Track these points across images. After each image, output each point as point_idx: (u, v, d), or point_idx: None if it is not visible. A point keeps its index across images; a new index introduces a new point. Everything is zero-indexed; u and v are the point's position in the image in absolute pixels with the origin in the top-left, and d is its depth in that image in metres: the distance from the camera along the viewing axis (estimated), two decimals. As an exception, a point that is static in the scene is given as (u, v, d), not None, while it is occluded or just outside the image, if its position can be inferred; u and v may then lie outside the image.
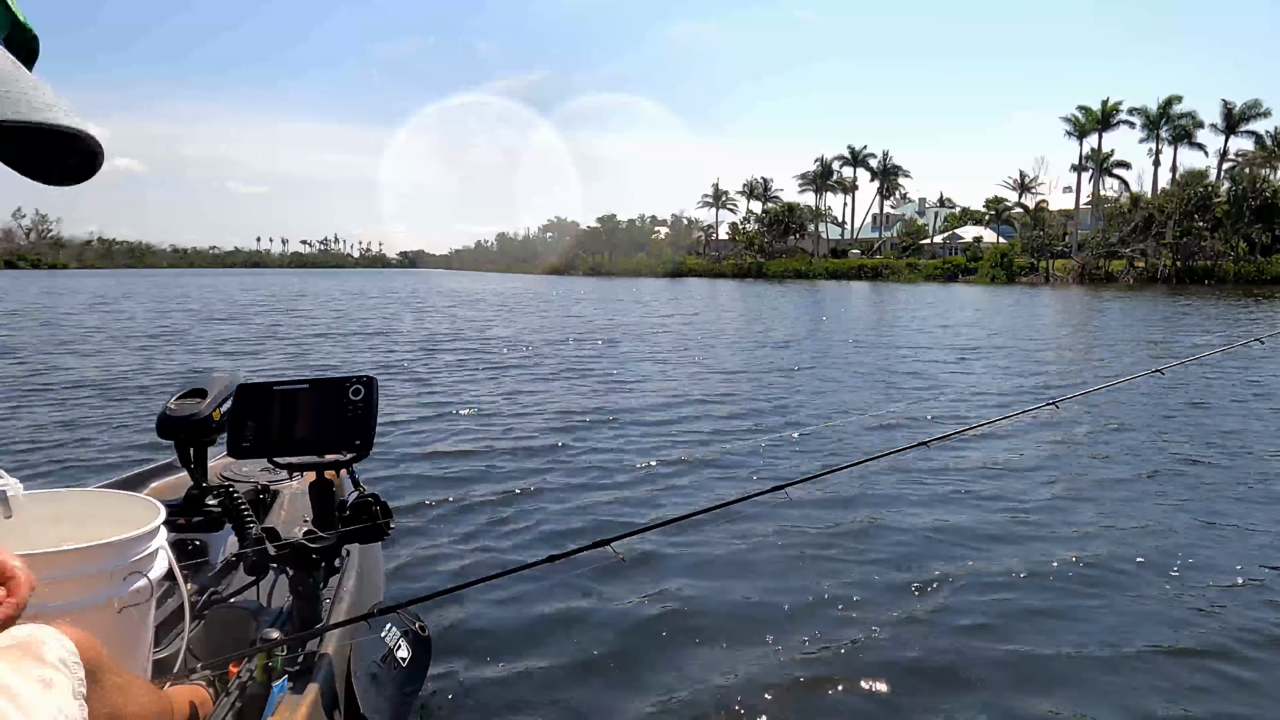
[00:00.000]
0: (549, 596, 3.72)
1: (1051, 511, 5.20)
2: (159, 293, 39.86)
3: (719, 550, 4.34)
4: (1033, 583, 4.05)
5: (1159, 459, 6.65)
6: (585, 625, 3.52)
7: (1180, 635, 3.47)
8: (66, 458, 6.50)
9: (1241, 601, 3.82)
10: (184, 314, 24.98)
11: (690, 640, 3.40)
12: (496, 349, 15.37)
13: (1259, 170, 58.09)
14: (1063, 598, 3.87)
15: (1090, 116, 66.71)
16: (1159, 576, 4.12)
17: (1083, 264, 59.25)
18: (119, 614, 1.76)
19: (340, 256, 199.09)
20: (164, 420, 2.37)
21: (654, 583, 3.93)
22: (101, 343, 15.90)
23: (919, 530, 4.78)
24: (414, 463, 6.39)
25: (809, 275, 74.39)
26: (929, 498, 5.41)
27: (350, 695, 2.03)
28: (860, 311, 29.49)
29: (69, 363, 12.57)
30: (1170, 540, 4.65)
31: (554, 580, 3.75)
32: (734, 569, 4.13)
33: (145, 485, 2.31)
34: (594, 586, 3.84)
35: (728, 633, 3.45)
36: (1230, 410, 8.87)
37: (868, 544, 4.56)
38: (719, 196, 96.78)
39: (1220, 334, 18.75)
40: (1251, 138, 64.47)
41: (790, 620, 3.58)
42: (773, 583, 3.96)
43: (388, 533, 2.21)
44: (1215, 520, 5.04)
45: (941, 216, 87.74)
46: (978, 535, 4.71)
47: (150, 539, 1.85)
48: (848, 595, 3.82)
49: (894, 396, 10.04)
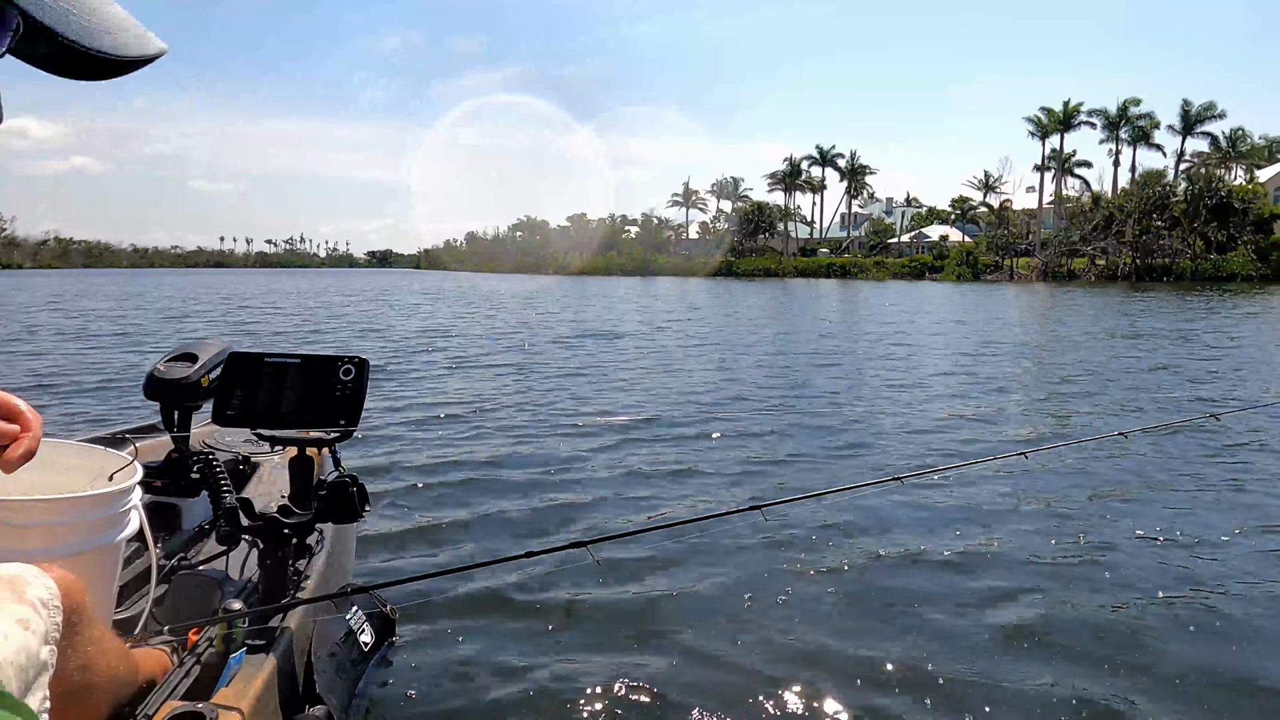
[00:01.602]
0: (522, 592, 3.66)
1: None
2: (116, 290, 38.98)
3: (694, 559, 4.21)
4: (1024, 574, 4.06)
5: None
6: (554, 623, 3.46)
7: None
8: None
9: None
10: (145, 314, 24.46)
11: (658, 643, 3.32)
12: (484, 347, 15.23)
13: (1214, 170, 59.57)
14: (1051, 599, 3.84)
15: (1052, 117, 68.02)
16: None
17: (1046, 262, 60.31)
18: (86, 568, 1.70)
19: (307, 256, 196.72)
20: (151, 381, 2.34)
21: (626, 587, 3.84)
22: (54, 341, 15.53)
23: (900, 549, 4.45)
24: (394, 450, 6.35)
25: (779, 274, 74.87)
26: (912, 521, 4.93)
27: (309, 673, 2.01)
28: (852, 310, 29.54)
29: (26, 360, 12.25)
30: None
31: (528, 576, 3.72)
32: (708, 577, 4.00)
33: (127, 444, 2.27)
34: (567, 586, 3.76)
35: (697, 639, 3.35)
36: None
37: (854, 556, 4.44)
38: (689, 196, 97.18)
39: (1168, 330, 19.18)
40: (1207, 139, 66.27)
41: (758, 627, 3.49)
42: (746, 591, 3.85)
43: (362, 515, 2.19)
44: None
45: (908, 216, 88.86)
46: (957, 556, 4.36)
47: (125, 497, 1.83)
48: (825, 607, 3.71)
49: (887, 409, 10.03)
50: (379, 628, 2.33)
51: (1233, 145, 65.81)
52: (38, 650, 1.20)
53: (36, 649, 1.19)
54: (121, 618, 2.01)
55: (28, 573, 1.26)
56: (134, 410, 7.00)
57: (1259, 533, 4.54)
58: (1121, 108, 65.83)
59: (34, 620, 1.21)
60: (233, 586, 2.16)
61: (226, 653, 1.79)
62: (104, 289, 41.78)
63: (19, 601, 1.21)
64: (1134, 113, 65.57)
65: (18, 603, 1.21)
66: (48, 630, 1.24)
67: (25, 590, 1.23)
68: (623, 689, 2.94)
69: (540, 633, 3.36)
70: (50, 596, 1.27)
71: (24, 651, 1.16)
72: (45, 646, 1.22)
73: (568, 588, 3.75)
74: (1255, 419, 7.67)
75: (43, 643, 1.22)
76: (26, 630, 1.19)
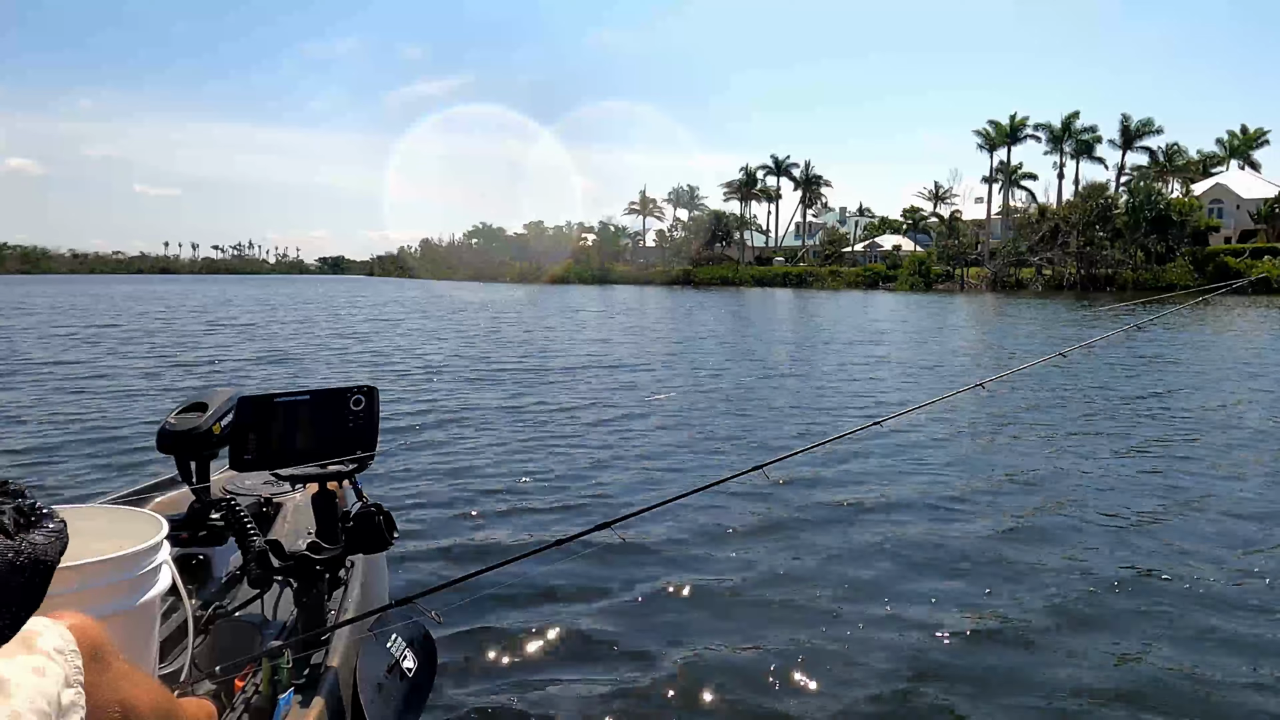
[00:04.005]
0: (555, 583, 3.91)
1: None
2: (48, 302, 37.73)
3: (708, 525, 4.88)
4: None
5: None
6: (591, 611, 3.67)
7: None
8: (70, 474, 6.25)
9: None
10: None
11: (688, 609, 3.74)
12: (462, 358, 15.08)
13: (1153, 184, 61.78)
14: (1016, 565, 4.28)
15: (999, 130, 69.93)
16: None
17: (995, 272, 61.86)
18: (123, 629, 1.71)
19: (256, 262, 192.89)
20: (164, 435, 2.33)
21: (653, 559, 4.32)
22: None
23: (875, 502, 5.42)
24: (413, 465, 6.47)
25: (736, 282, 75.54)
26: (884, 472, 6.13)
27: (357, 706, 2.02)
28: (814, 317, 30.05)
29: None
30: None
31: (559, 567, 3.98)
32: (722, 541, 4.64)
33: (148, 500, 2.26)
34: (598, 571, 4.10)
35: (721, 601, 3.82)
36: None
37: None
38: (645, 204, 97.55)
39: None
40: (1146, 153, 68.78)
41: (779, 584, 4.02)
42: (757, 553, 4.44)
43: (391, 542, 2.20)
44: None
45: (861, 225, 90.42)
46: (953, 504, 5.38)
47: (154, 554, 1.81)
48: (823, 564, 4.32)
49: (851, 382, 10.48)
50: (420, 653, 2.35)
51: (1169, 160, 68.40)
52: (57, 693, 1.21)
53: (56, 692, 1.21)
54: (164, 673, 2.00)
55: (37, 624, 1.26)
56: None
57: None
58: (1065, 121, 67.98)
59: (50, 667, 1.23)
60: (272, 629, 2.17)
61: (274, 695, 1.80)
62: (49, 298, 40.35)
63: (30, 653, 1.22)
64: (1077, 126, 67.76)
65: (29, 654, 1.22)
66: (68, 674, 1.25)
67: (36, 641, 1.24)
68: (655, 668, 3.16)
69: (577, 623, 3.53)
70: (64, 643, 1.28)
71: (42, 697, 1.17)
72: (68, 690, 1.24)
73: (599, 569, 4.09)
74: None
75: (64, 686, 1.23)
76: (42, 677, 1.20)
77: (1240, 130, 69.74)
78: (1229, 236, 60.32)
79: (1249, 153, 69.00)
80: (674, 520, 4.83)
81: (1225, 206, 61.96)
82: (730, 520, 4.94)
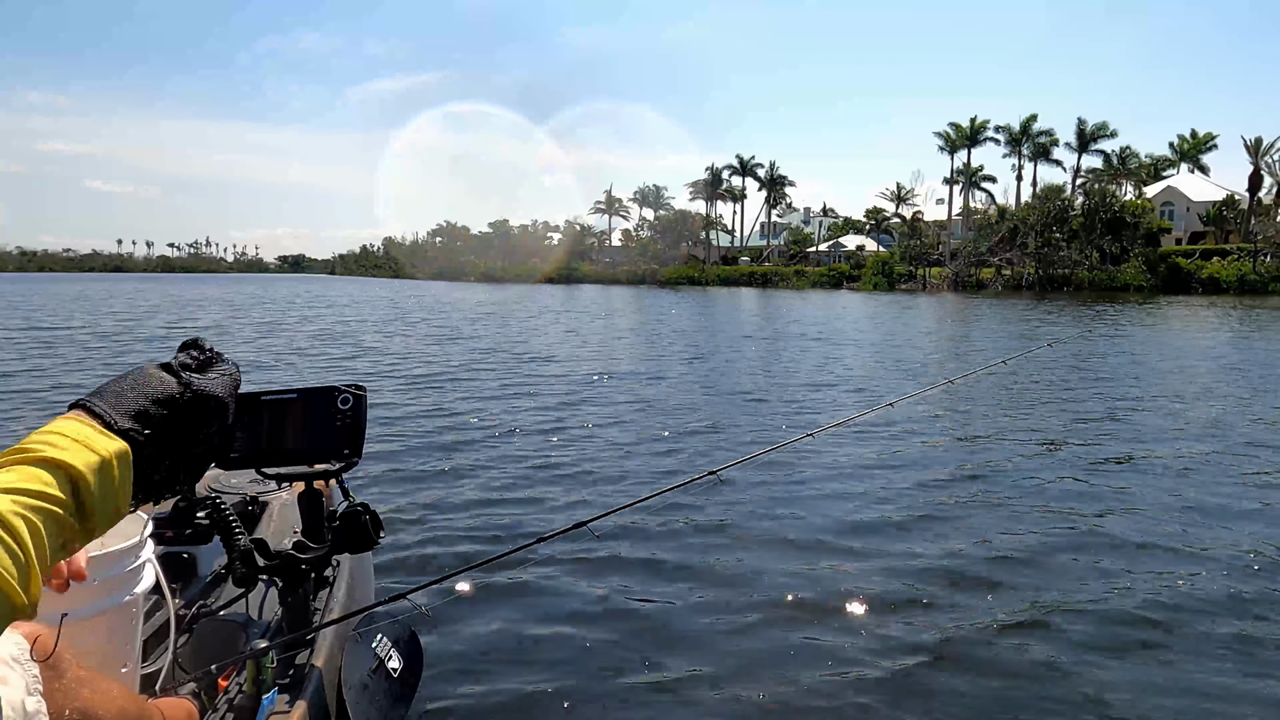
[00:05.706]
0: (540, 582, 3.95)
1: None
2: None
3: (689, 522, 4.96)
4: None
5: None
6: (575, 608, 3.70)
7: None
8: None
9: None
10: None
11: (671, 605, 3.78)
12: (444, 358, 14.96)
13: (1108, 186, 63.31)
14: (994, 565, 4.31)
15: (960, 132, 71.18)
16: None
17: (956, 272, 62.89)
18: (105, 628, 1.71)
19: (213, 261, 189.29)
20: None
21: (634, 557, 4.39)
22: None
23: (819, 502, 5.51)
24: (390, 467, 6.41)
25: (702, 282, 75.86)
26: (831, 475, 6.21)
27: (341, 706, 2.01)
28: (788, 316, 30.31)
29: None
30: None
31: (543, 565, 4.07)
32: (706, 537, 4.73)
33: None
34: (580, 568, 4.14)
35: (706, 599, 3.86)
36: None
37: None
38: (611, 203, 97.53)
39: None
40: (1101, 156, 70.44)
41: (769, 582, 4.06)
42: (746, 548, 4.53)
43: (377, 542, 2.18)
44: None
45: (825, 225, 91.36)
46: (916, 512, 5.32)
47: (137, 552, 1.79)
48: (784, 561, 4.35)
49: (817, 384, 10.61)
50: (405, 653, 2.33)
51: (1123, 163, 70.19)
52: (21, 701, 1.27)
53: (20, 700, 1.26)
54: (147, 672, 1.98)
55: None
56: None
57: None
58: (1023, 124, 69.41)
59: (11, 675, 1.28)
60: (256, 628, 2.15)
61: (258, 695, 1.79)
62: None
63: None
64: (1035, 129, 69.22)
65: None
66: (28, 683, 1.30)
67: None
68: (641, 667, 3.17)
69: (561, 621, 3.57)
70: (20, 651, 1.32)
71: (8, 705, 1.23)
72: (30, 697, 1.29)
73: (581, 567, 4.15)
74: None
75: (26, 694, 1.28)
76: (6, 685, 1.26)
77: (1190, 134, 71.77)
78: (1179, 238, 62.03)
79: (1198, 157, 71.03)
80: (655, 517, 4.85)
81: (1176, 209, 63.72)
82: (719, 515, 5.00)
